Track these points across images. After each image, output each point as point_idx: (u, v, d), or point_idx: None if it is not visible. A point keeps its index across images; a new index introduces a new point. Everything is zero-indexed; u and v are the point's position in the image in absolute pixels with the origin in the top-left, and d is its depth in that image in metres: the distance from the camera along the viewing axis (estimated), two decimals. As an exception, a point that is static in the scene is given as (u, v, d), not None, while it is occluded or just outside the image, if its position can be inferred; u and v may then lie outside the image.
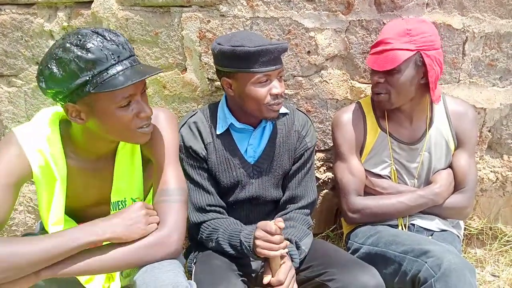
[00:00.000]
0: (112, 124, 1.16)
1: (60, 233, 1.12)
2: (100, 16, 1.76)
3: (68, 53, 1.07)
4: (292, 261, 1.44)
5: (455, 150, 1.73)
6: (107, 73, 1.09)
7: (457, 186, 1.72)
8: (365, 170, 1.74)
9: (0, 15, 1.76)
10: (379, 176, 1.75)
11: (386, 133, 1.71)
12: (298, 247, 1.49)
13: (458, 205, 1.70)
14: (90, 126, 1.19)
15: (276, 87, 1.45)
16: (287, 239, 1.49)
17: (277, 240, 1.34)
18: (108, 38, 1.10)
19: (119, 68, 1.10)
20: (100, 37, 1.09)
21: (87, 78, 1.07)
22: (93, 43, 1.07)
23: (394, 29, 1.56)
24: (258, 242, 1.36)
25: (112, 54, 1.09)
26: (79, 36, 1.09)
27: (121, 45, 1.11)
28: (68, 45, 1.08)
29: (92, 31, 1.10)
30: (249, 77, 1.43)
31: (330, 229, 2.21)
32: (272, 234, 1.34)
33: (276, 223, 1.34)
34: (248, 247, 1.40)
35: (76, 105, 1.13)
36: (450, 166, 1.74)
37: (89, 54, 1.06)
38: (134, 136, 1.21)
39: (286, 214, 1.64)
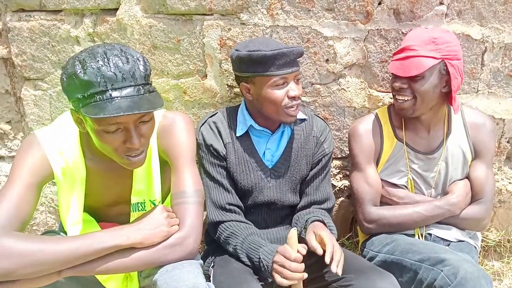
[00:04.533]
0: (100, 143, 1.16)
1: (87, 235, 1.15)
2: (125, 23, 1.81)
3: (72, 68, 1.09)
4: None
5: (472, 161, 1.73)
6: (96, 97, 1.07)
7: (474, 197, 1.71)
8: (382, 179, 1.75)
9: (29, 21, 1.82)
10: (395, 185, 1.75)
11: (403, 142, 1.71)
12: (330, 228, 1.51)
13: (475, 216, 1.69)
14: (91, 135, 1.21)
15: (293, 89, 1.48)
16: (316, 220, 1.52)
17: (294, 268, 1.30)
18: (110, 64, 1.07)
19: (112, 95, 1.07)
20: (103, 60, 1.07)
21: (80, 96, 1.08)
22: (92, 66, 1.06)
23: (419, 36, 1.57)
24: (275, 266, 1.35)
25: (105, 81, 1.06)
26: (89, 53, 1.10)
27: (123, 73, 1.08)
28: (76, 60, 1.10)
29: (103, 52, 1.09)
30: (266, 80, 1.46)
31: (346, 237, 2.21)
32: (290, 260, 1.31)
33: (298, 250, 1.32)
34: (266, 267, 1.40)
35: (78, 114, 1.16)
36: (468, 177, 1.74)
37: (84, 76, 1.06)
38: (122, 161, 1.20)
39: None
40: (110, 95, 1.07)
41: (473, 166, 1.72)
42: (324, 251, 1.34)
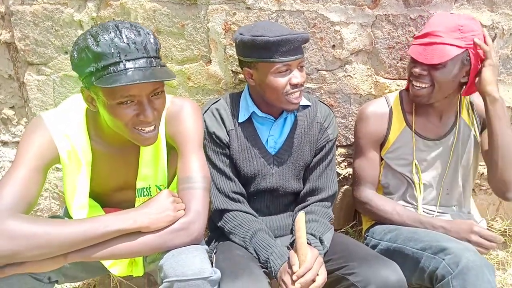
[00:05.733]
0: (112, 118, 1.15)
1: (93, 219, 1.15)
2: (129, 7, 1.79)
3: (84, 42, 1.09)
4: None
5: (481, 134, 1.70)
6: (110, 69, 1.07)
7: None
8: (388, 165, 1.74)
9: (32, 5, 1.80)
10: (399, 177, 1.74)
11: (411, 128, 1.69)
12: (321, 242, 1.49)
13: None
14: (101, 114, 1.20)
15: (296, 76, 1.45)
16: (311, 234, 1.50)
17: None
18: (123, 35, 1.08)
19: (125, 66, 1.07)
20: (115, 32, 1.08)
21: (92, 70, 1.08)
22: (104, 37, 1.06)
23: (445, 22, 1.53)
24: (281, 283, 1.38)
25: (119, 52, 1.07)
26: (101, 27, 1.10)
27: (135, 44, 1.09)
28: (88, 34, 1.10)
29: (115, 25, 1.10)
30: (269, 67, 1.44)
31: (350, 225, 2.20)
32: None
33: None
34: (273, 269, 1.42)
35: (89, 91, 1.15)
36: (481, 150, 1.68)
37: (97, 48, 1.06)
38: (134, 136, 1.19)
39: (306, 206, 1.64)
40: (124, 66, 1.07)
41: (484, 135, 1.67)
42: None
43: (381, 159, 1.77)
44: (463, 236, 1.51)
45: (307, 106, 1.64)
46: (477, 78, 1.55)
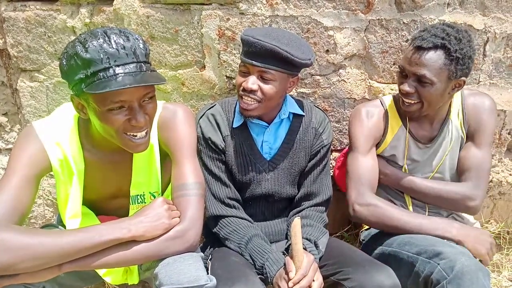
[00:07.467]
0: (103, 125, 1.14)
1: (87, 229, 1.14)
2: (122, 13, 1.79)
3: (73, 49, 1.08)
4: None
5: (466, 141, 1.69)
6: (100, 75, 1.06)
7: (461, 177, 1.65)
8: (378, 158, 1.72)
9: (25, 11, 1.79)
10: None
11: (406, 128, 1.69)
12: (316, 247, 1.49)
13: (460, 193, 1.60)
14: (92, 121, 1.20)
15: (247, 80, 1.44)
16: (306, 238, 1.49)
17: None
18: (111, 41, 1.07)
19: (115, 71, 1.07)
20: (104, 38, 1.07)
21: (82, 76, 1.07)
22: (93, 43, 1.06)
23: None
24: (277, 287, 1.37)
25: (108, 57, 1.06)
26: (89, 34, 1.09)
27: (124, 49, 1.08)
28: (76, 40, 1.09)
29: (103, 31, 1.09)
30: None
31: (345, 230, 2.20)
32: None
33: None
34: (269, 275, 1.41)
35: (79, 98, 1.14)
36: (458, 158, 1.69)
37: (86, 54, 1.05)
38: (125, 142, 1.18)
39: (301, 211, 1.64)
40: (114, 71, 1.06)
41: (465, 147, 1.67)
42: None
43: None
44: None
45: (301, 115, 1.62)
46: None
